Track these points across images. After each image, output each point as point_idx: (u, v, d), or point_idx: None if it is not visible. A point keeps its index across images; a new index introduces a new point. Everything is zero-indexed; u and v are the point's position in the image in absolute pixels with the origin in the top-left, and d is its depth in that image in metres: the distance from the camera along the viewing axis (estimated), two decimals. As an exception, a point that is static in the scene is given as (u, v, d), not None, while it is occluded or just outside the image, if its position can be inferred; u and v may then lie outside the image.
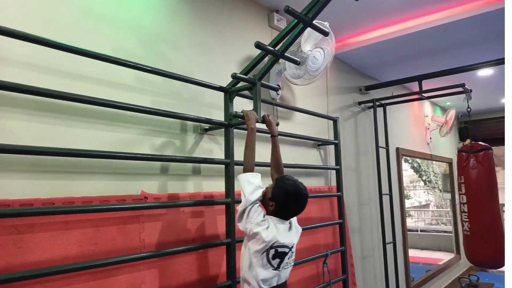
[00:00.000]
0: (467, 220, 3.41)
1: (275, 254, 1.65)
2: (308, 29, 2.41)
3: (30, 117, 1.47)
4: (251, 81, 1.98)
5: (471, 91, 3.68)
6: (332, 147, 3.26)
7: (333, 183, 3.23)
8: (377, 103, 3.97)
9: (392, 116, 4.61)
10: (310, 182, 3.00)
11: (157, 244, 1.81)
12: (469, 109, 3.72)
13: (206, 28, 2.30)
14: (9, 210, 1.34)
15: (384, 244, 3.69)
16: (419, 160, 8.06)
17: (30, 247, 1.40)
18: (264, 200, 1.74)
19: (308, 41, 2.62)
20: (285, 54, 1.98)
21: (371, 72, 4.30)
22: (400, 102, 4.27)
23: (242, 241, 2.12)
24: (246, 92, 2.12)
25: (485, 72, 4.39)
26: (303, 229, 2.50)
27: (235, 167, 2.07)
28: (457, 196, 3.67)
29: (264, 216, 1.68)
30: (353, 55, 3.69)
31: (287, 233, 1.72)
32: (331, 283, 2.74)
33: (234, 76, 1.94)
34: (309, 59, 2.61)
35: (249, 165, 1.78)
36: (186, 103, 2.09)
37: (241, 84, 2.07)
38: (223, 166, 2.09)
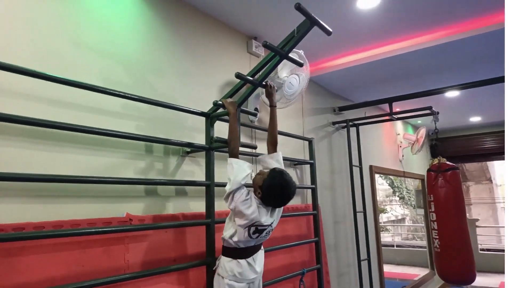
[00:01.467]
0: (437, 237, 3.59)
1: (255, 230, 1.90)
2: (285, 57, 2.59)
3: (20, 144, 1.55)
4: (230, 108, 2.11)
5: (438, 113, 3.92)
6: (308, 167, 3.41)
7: (309, 201, 3.36)
8: (350, 123, 4.17)
9: (366, 135, 4.82)
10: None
11: (141, 264, 1.88)
12: (436, 130, 3.96)
13: (188, 55, 2.43)
14: (2, 235, 1.40)
15: (359, 261, 3.83)
16: (392, 177, 8.29)
17: (20, 269, 1.46)
18: (254, 185, 1.97)
19: (284, 68, 2.78)
20: (263, 82, 2.12)
21: (345, 94, 4.50)
22: (372, 122, 4.47)
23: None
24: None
25: (453, 94, 4.65)
26: (279, 248, 2.62)
27: (215, 188, 2.19)
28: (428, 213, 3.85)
29: (247, 195, 1.88)
30: (328, 78, 3.88)
31: (268, 215, 1.94)
32: (308, 300, 2.84)
33: (215, 103, 2.07)
34: (285, 85, 2.76)
35: (234, 149, 1.98)
36: (169, 127, 2.20)
37: (221, 109, 2.19)
38: (203, 187, 2.19)
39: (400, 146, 6.19)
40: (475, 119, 6.50)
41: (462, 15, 2.85)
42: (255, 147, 2.25)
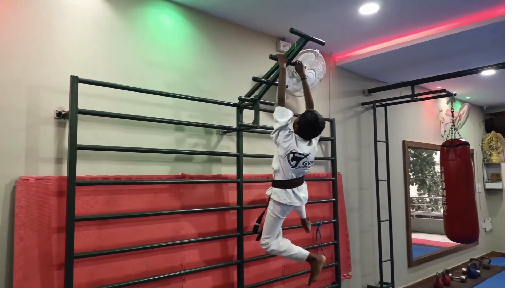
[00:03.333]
0: (445, 203, 4.14)
1: (293, 157, 2.56)
2: (303, 55, 3.37)
3: (118, 129, 2.56)
4: (252, 100, 2.96)
5: (455, 94, 4.35)
6: (329, 142, 4.15)
7: (330, 170, 4.12)
8: (378, 104, 4.76)
9: (399, 113, 5.36)
10: (313, 169, 3.91)
11: (191, 206, 2.86)
12: (452, 110, 4.40)
13: (226, 58, 3.29)
14: (109, 181, 2.45)
15: (379, 221, 4.52)
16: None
17: (119, 202, 2.50)
18: (294, 125, 2.66)
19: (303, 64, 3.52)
20: (274, 82, 2.93)
21: (376, 76, 5.01)
22: (398, 102, 4.93)
23: (248, 208, 3.13)
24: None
25: (489, 72, 4.83)
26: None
27: (244, 158, 3.09)
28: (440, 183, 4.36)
29: (289, 133, 2.56)
30: (359, 64, 4.43)
31: (305, 146, 2.60)
32: (322, 246, 3.65)
33: (240, 98, 2.94)
34: (304, 78, 3.51)
35: (280, 96, 2.61)
36: (211, 114, 3.11)
37: (247, 102, 3.05)
38: (235, 157, 3.10)
39: (442, 122, 6.51)
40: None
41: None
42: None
